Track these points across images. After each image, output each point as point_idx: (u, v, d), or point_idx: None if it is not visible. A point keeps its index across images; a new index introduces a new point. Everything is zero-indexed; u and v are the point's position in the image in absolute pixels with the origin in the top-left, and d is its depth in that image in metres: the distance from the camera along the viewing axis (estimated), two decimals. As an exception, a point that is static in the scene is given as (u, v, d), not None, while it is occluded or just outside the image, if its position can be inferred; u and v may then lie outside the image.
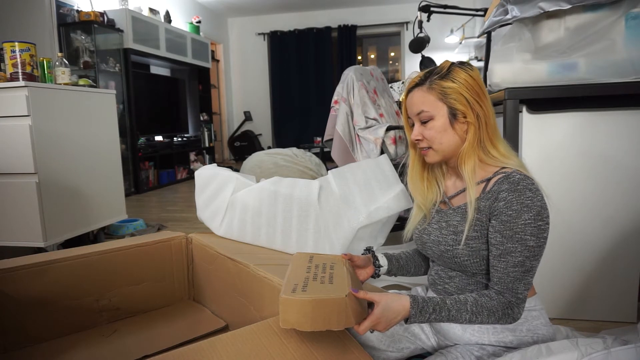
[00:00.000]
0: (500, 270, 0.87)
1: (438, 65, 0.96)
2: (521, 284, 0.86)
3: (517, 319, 0.87)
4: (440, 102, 0.92)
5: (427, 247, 1.02)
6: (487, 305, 0.86)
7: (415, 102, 0.95)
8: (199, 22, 6.00)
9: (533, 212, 0.84)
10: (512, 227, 0.85)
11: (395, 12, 6.78)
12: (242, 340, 0.83)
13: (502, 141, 0.95)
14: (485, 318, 0.85)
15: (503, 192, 0.87)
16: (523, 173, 0.88)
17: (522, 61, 1.39)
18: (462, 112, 0.91)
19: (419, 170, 1.05)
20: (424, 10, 2.57)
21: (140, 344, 1.21)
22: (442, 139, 0.94)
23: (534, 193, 0.85)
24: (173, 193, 4.65)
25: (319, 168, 2.04)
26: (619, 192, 1.39)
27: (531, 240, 0.84)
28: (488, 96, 0.94)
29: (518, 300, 0.86)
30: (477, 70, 0.95)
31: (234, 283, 1.25)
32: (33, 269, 1.20)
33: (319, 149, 5.42)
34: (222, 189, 1.52)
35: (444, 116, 0.93)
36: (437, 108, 0.93)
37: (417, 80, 0.96)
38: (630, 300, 1.44)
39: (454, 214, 0.96)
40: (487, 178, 0.91)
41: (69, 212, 2.31)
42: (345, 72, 2.17)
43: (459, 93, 0.91)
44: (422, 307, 0.84)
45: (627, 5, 1.28)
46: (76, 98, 2.39)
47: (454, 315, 0.85)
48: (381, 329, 0.82)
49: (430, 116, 0.93)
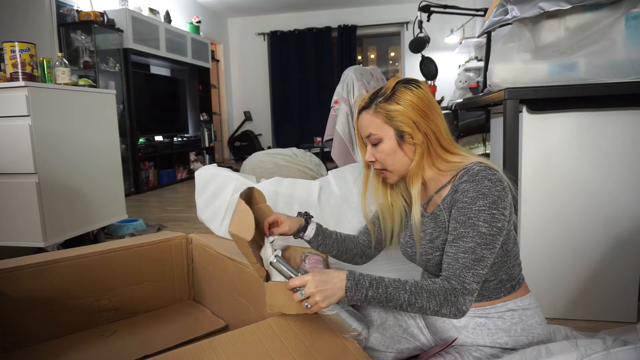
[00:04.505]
0: (451, 255, 0.86)
1: (384, 86, 0.97)
2: (469, 272, 0.83)
3: (462, 311, 0.83)
4: (386, 125, 0.93)
5: (413, 260, 1.03)
6: (428, 287, 0.83)
7: (363, 125, 0.97)
8: (199, 22, 6.00)
9: (489, 199, 0.84)
10: (466, 212, 0.85)
11: (395, 12, 6.78)
12: (242, 340, 0.83)
13: (458, 146, 0.96)
14: (425, 301, 0.82)
15: (462, 184, 0.88)
16: (484, 164, 0.89)
17: (522, 61, 1.39)
18: (409, 134, 0.92)
19: (381, 189, 1.05)
20: (424, 10, 2.57)
21: (140, 344, 1.21)
22: (393, 160, 0.95)
23: (492, 182, 0.85)
24: (173, 193, 4.65)
25: (319, 168, 2.04)
26: (619, 192, 1.39)
27: (483, 226, 0.84)
28: (437, 109, 0.94)
29: (464, 290, 0.83)
30: (424, 86, 0.95)
31: (234, 283, 1.25)
32: (33, 269, 1.20)
33: (319, 149, 5.42)
34: (222, 189, 1.52)
35: (392, 138, 0.94)
36: (384, 131, 0.94)
37: (363, 104, 0.98)
38: (629, 301, 1.44)
39: (429, 221, 0.97)
40: (452, 177, 0.92)
41: (69, 212, 2.31)
42: (345, 72, 2.17)
43: (404, 115, 0.91)
44: (358, 279, 0.83)
45: (627, 5, 1.28)
46: (76, 98, 2.39)
47: (391, 293, 0.82)
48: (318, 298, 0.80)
49: (379, 139, 0.94)
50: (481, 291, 0.94)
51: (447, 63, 6.27)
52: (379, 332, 1.04)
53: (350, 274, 0.83)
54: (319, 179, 1.57)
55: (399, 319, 1.06)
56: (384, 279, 0.84)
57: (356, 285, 0.82)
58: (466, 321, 0.96)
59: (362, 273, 0.84)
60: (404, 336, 1.05)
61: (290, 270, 0.86)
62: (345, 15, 6.96)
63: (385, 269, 1.56)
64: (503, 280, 0.94)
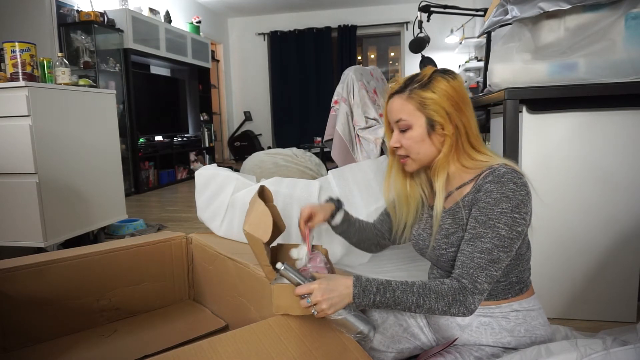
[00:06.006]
0: (466, 254, 0.85)
1: (420, 72, 0.95)
2: (483, 273, 0.83)
3: (471, 309, 0.83)
4: (418, 112, 0.91)
5: (424, 253, 1.02)
6: (436, 288, 0.83)
7: (394, 109, 0.94)
8: (199, 22, 6.00)
9: (512, 203, 0.83)
10: (487, 213, 0.84)
11: (395, 12, 6.78)
12: (242, 340, 0.83)
13: (485, 146, 0.95)
14: (433, 302, 0.82)
15: (487, 184, 0.86)
16: (510, 167, 0.87)
17: (522, 61, 1.39)
18: (440, 124, 0.91)
19: (401, 177, 1.03)
20: (424, 10, 2.57)
21: (140, 344, 1.21)
22: (419, 148, 0.93)
23: (517, 186, 0.84)
24: (173, 193, 4.65)
25: (319, 168, 2.04)
26: (619, 192, 1.39)
27: (503, 229, 0.83)
28: (469, 103, 0.93)
29: (475, 289, 0.82)
30: (459, 78, 0.93)
31: (234, 283, 1.25)
32: (33, 269, 1.20)
33: (319, 149, 5.42)
34: (222, 189, 1.52)
35: (422, 126, 0.92)
36: (415, 117, 0.92)
37: (397, 88, 0.95)
38: (629, 300, 1.44)
39: (446, 216, 0.96)
40: (476, 175, 0.91)
41: (69, 212, 2.32)
42: (345, 72, 2.17)
43: (438, 104, 0.90)
44: (365, 285, 0.82)
45: (627, 5, 1.28)
46: (76, 98, 2.39)
47: (399, 296, 0.82)
48: (324, 306, 0.80)
49: (408, 125, 0.92)
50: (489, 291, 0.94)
51: (447, 63, 6.27)
52: (380, 331, 1.04)
53: (357, 280, 0.83)
54: (319, 179, 1.57)
55: (400, 319, 1.06)
56: (391, 282, 0.84)
57: (363, 292, 0.82)
58: (470, 320, 0.95)
59: (368, 278, 0.84)
60: (404, 336, 1.05)
61: (297, 276, 0.86)
62: (345, 15, 6.96)
63: (389, 268, 1.56)
64: (512, 282, 0.94)
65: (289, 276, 0.86)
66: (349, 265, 1.55)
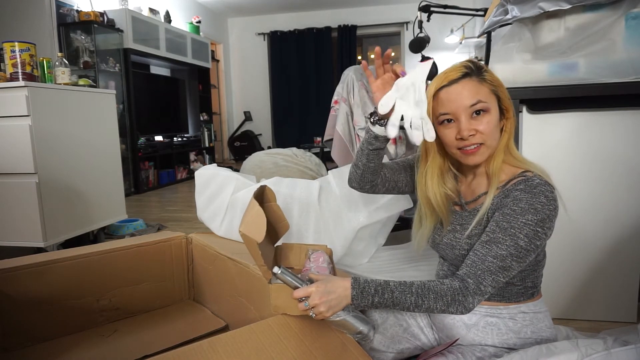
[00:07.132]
0: (479, 255, 0.83)
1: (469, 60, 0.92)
2: (490, 277, 0.81)
3: (469, 309, 0.82)
4: (492, 94, 0.88)
5: (440, 249, 1.01)
6: (435, 288, 0.82)
7: (467, 92, 0.86)
8: (199, 22, 6.00)
9: (538, 216, 0.81)
10: (510, 220, 0.82)
11: (395, 12, 6.78)
12: (242, 340, 0.83)
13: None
14: (432, 302, 0.81)
15: (516, 192, 0.84)
16: (544, 179, 0.85)
17: (522, 61, 1.39)
18: (507, 109, 0.89)
19: (439, 178, 0.97)
20: (424, 10, 2.57)
21: (140, 344, 1.21)
22: (495, 134, 0.88)
23: (548, 200, 0.82)
24: (173, 193, 4.65)
25: (319, 168, 2.04)
26: (619, 192, 1.39)
27: (523, 240, 0.81)
28: None
29: (478, 290, 0.81)
30: None
31: (234, 283, 1.25)
32: (33, 269, 1.20)
33: (319, 149, 5.41)
34: (222, 189, 1.52)
35: (497, 111, 0.88)
36: (492, 101, 0.88)
37: (464, 71, 0.88)
38: (630, 301, 1.44)
39: (470, 216, 0.93)
40: (508, 180, 0.89)
41: (69, 212, 2.31)
42: (345, 72, 2.17)
43: (504, 89, 0.88)
44: (363, 287, 0.82)
45: (627, 5, 1.28)
46: (76, 98, 2.39)
47: (398, 297, 0.82)
48: (322, 309, 0.80)
49: (488, 107, 0.86)
50: (502, 292, 0.93)
51: (447, 63, 6.24)
52: (380, 332, 1.04)
53: (355, 282, 0.83)
54: (319, 179, 1.56)
55: (400, 319, 1.06)
56: (389, 283, 0.84)
57: (362, 293, 0.82)
58: (477, 319, 0.94)
59: (366, 279, 0.84)
60: (404, 336, 1.05)
61: (295, 280, 0.86)
62: (345, 15, 6.95)
63: (389, 269, 1.56)
64: (527, 287, 0.93)
65: (286, 280, 0.86)
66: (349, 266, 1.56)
